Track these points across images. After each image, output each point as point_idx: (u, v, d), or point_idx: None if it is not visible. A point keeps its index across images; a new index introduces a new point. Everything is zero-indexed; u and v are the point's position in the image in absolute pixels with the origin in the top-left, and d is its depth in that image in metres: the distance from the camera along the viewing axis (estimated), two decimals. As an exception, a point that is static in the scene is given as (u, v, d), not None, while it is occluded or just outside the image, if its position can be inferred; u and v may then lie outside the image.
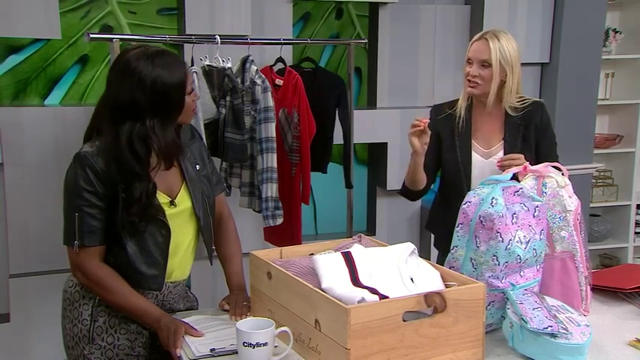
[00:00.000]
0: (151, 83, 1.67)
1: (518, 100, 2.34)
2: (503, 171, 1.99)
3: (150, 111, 1.69)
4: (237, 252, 2.04)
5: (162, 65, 1.70)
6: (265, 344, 1.49)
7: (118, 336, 1.81)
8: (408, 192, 2.41)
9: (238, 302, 1.86)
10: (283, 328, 1.55)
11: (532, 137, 2.35)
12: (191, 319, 1.79)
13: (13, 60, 3.22)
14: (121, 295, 1.75)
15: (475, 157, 2.35)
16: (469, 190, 2.30)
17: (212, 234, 1.98)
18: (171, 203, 1.81)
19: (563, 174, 1.87)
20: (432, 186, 2.46)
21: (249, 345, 1.48)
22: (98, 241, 1.73)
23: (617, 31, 4.27)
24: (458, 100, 2.41)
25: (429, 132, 2.16)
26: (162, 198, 1.78)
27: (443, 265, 1.73)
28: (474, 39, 2.32)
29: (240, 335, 1.50)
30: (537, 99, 2.42)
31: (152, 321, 1.74)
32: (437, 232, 2.55)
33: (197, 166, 1.90)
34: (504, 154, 2.31)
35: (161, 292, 1.84)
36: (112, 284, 1.74)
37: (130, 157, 1.68)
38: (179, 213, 1.82)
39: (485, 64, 2.25)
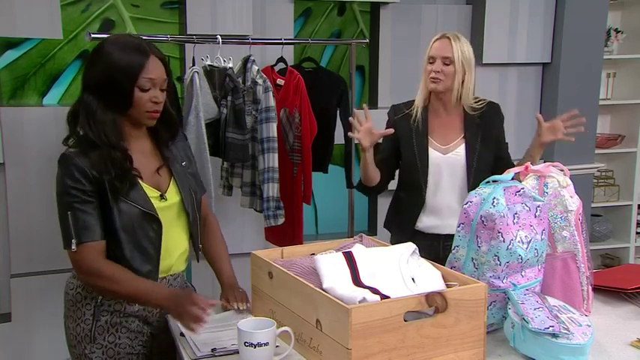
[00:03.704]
0: (98, 69, 1.72)
1: (475, 100, 2.43)
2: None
3: (89, 93, 1.73)
4: (225, 251, 2.07)
5: (119, 54, 1.71)
6: (267, 344, 1.49)
7: (119, 335, 1.81)
8: (363, 188, 2.49)
9: (237, 294, 1.88)
10: (284, 328, 1.55)
11: (492, 137, 2.43)
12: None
13: (10, 55, 3.15)
14: (125, 282, 1.72)
15: (432, 153, 2.40)
16: (426, 187, 2.36)
17: (199, 230, 1.99)
18: (162, 197, 1.82)
19: (564, 174, 1.87)
20: None
21: (251, 345, 1.48)
22: (95, 237, 1.71)
23: (619, 31, 4.27)
24: (413, 100, 2.47)
25: (370, 127, 2.27)
26: (151, 192, 1.80)
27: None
28: (434, 38, 2.39)
29: (241, 335, 1.50)
30: (491, 100, 2.48)
31: (162, 301, 1.72)
32: (393, 233, 2.59)
33: (184, 163, 1.93)
34: (466, 152, 2.38)
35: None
36: (114, 273, 1.72)
37: (72, 128, 1.73)
38: (169, 207, 1.84)
39: (447, 61, 2.33)
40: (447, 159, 2.39)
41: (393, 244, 2.53)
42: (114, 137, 1.73)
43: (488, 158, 2.39)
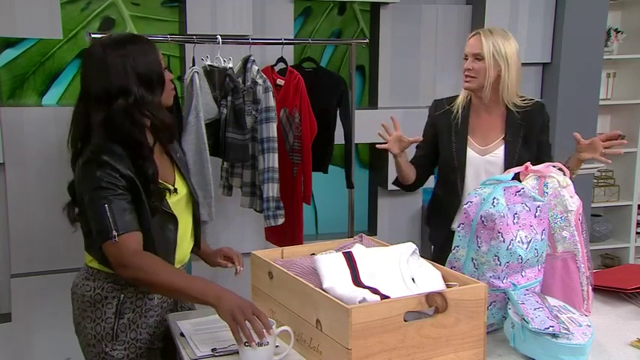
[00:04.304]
0: (132, 67, 1.73)
1: (520, 98, 2.36)
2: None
3: (137, 89, 1.74)
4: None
5: (136, 49, 1.76)
6: (266, 344, 1.49)
7: (140, 331, 1.84)
8: (400, 185, 2.52)
9: (237, 254, 2.06)
10: (284, 328, 1.55)
11: (533, 138, 2.37)
12: (192, 321, 1.80)
13: (9, 54, 3.12)
14: (167, 274, 1.67)
15: (470, 153, 2.38)
16: (462, 187, 2.35)
17: None
18: (175, 190, 1.86)
19: (564, 174, 1.87)
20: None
21: (250, 345, 1.48)
22: (134, 227, 1.69)
23: (619, 31, 4.27)
24: (458, 95, 2.43)
25: (401, 135, 2.30)
26: (166, 187, 1.83)
27: (439, 262, 1.73)
28: (469, 36, 2.37)
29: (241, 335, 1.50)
30: (538, 99, 2.43)
31: (212, 299, 1.60)
32: (431, 230, 2.59)
33: (178, 155, 1.98)
34: (505, 154, 2.32)
35: None
36: (154, 264, 1.67)
37: (132, 130, 1.71)
38: (180, 199, 1.88)
39: (478, 57, 2.30)
40: (484, 160, 2.36)
41: (430, 241, 2.55)
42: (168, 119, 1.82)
43: (528, 160, 2.32)
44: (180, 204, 1.89)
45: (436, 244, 2.50)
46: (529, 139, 2.36)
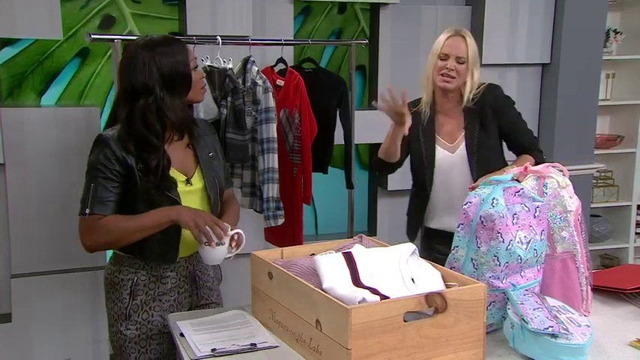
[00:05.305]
0: (157, 67, 1.85)
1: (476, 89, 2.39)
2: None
3: (160, 88, 1.84)
4: (232, 208, 2.13)
5: (165, 50, 1.87)
6: (223, 243, 1.79)
7: (153, 313, 1.94)
8: (380, 163, 2.43)
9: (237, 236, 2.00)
10: (237, 230, 1.85)
11: (489, 120, 2.36)
12: (192, 321, 1.80)
13: (7, 53, 3.11)
14: (126, 221, 1.83)
15: (441, 152, 2.40)
16: (431, 185, 2.37)
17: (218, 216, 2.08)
18: (187, 181, 1.94)
19: (564, 174, 1.88)
20: None
21: (210, 245, 1.78)
22: (106, 212, 1.83)
23: (618, 32, 4.27)
24: (420, 98, 2.45)
25: (405, 106, 2.24)
26: (179, 176, 1.92)
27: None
28: (447, 35, 2.35)
29: (201, 237, 1.77)
30: (491, 82, 2.43)
31: (173, 215, 1.82)
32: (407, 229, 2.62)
33: (210, 154, 2.04)
34: (465, 141, 2.35)
35: (191, 262, 2.01)
36: (112, 221, 1.82)
37: (144, 130, 1.83)
38: (193, 191, 1.96)
39: (462, 60, 2.31)
40: (454, 157, 2.38)
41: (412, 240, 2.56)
42: (186, 120, 1.93)
43: (492, 144, 2.34)
44: (192, 196, 1.95)
45: (410, 238, 2.53)
46: (485, 122, 2.35)
